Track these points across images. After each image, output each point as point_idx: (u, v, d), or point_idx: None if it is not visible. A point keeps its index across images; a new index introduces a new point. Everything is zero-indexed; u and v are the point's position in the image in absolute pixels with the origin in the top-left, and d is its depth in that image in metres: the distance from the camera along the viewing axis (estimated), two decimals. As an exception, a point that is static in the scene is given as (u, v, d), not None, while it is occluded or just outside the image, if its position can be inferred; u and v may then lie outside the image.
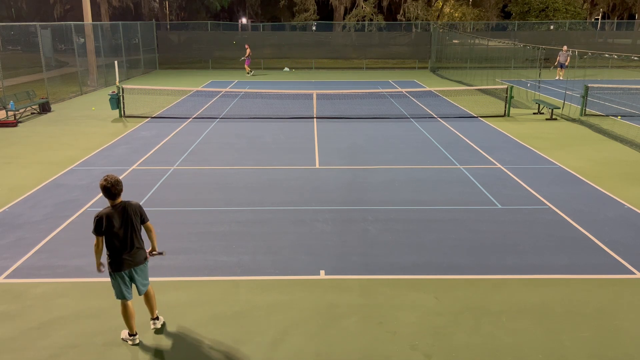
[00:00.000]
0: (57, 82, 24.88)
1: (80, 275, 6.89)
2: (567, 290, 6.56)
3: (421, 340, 5.53)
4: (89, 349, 5.39)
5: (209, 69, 35.37)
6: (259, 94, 22.31)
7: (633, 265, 7.20)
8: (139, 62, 31.96)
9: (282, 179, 10.89)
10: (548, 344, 5.47)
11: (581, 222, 8.67)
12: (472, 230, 8.33)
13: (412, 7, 42.40)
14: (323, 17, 46.28)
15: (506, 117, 17.80)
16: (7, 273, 6.93)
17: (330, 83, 27.72)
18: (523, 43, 32.44)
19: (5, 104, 16.67)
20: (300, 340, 5.55)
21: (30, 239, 7.98)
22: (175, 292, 6.48)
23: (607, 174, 11.40)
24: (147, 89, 21.38)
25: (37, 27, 21.32)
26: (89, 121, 17.03)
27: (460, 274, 6.96)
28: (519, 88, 23.40)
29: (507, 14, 49.73)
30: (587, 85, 18.12)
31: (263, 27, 39.99)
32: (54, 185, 10.50)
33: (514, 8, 43.94)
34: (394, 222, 8.63)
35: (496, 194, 10.04)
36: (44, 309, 6.11)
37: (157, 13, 49.71)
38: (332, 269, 7.08)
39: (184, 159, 12.43)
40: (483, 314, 6.02)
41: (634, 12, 56.81)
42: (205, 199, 9.75)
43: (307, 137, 14.77)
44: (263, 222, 8.63)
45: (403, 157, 12.69)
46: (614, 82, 27.16)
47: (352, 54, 37.72)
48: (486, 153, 13.05)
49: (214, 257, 7.40)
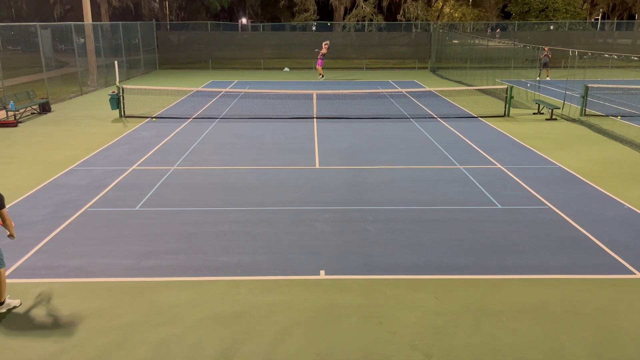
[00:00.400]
0: (57, 82, 24.88)
1: (80, 275, 6.89)
2: (567, 290, 6.56)
3: (421, 340, 5.53)
4: (89, 349, 5.40)
5: (209, 69, 35.38)
6: (259, 94, 22.32)
7: (633, 265, 7.20)
8: (139, 62, 31.97)
9: (282, 179, 10.89)
10: (548, 344, 5.47)
11: (581, 222, 8.68)
12: (472, 230, 8.33)
13: (412, 7, 42.40)
14: (323, 17, 46.28)
15: (506, 117, 17.80)
16: (7, 273, 6.91)
17: (330, 83, 27.73)
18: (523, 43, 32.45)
19: (5, 104, 16.67)
20: (300, 340, 5.55)
21: (30, 239, 7.98)
22: (175, 292, 6.48)
23: (607, 174, 11.40)
24: (147, 89, 21.38)
25: (37, 27, 21.31)
26: (89, 121, 17.03)
27: (460, 274, 6.96)
28: (518, 88, 23.40)
29: (507, 14, 49.75)
30: (587, 85, 18.12)
31: (263, 27, 40.00)
32: (54, 185, 10.50)
33: (514, 8, 43.96)
34: (394, 222, 8.63)
35: (496, 194, 10.04)
36: (44, 309, 6.11)
37: (157, 13, 49.71)
38: (332, 269, 7.09)
39: (184, 159, 12.43)
40: (483, 314, 6.02)
41: (634, 12, 56.81)
42: (205, 199, 9.75)
43: (307, 137, 14.77)
44: (263, 222, 8.63)
45: (403, 157, 12.69)
46: (614, 82, 27.17)
47: (352, 54, 37.73)
48: (486, 153, 13.05)
49: (214, 257, 7.40)
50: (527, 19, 41.80)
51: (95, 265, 7.14)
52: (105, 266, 7.12)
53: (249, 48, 37.62)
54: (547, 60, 29.04)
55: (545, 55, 28.79)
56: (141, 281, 6.76)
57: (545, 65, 29.22)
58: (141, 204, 9.47)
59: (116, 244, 7.81)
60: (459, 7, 50.35)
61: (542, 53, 28.93)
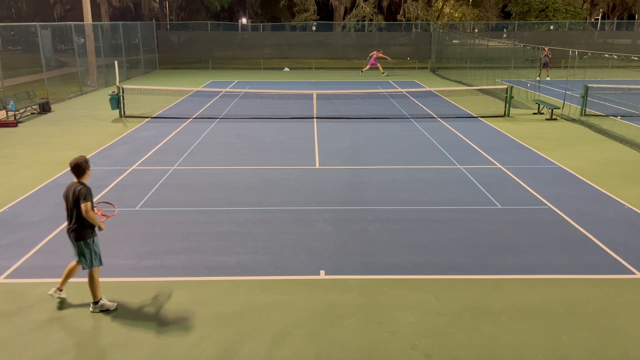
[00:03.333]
0: (57, 82, 24.88)
1: (80, 275, 6.87)
2: (567, 290, 6.56)
3: (421, 340, 5.53)
4: (88, 349, 5.40)
5: (209, 69, 35.38)
6: (258, 94, 22.32)
7: (633, 265, 7.20)
8: (139, 62, 31.97)
9: (282, 179, 10.89)
10: (548, 344, 5.47)
11: (581, 222, 8.67)
12: (472, 230, 8.33)
13: (412, 7, 42.40)
14: (323, 17, 46.28)
15: (506, 117, 17.80)
16: (7, 273, 6.93)
17: (330, 83, 27.72)
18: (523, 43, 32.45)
19: (6, 104, 16.67)
20: (300, 340, 5.55)
21: (30, 239, 7.98)
22: (176, 292, 6.48)
23: (607, 174, 11.40)
24: (147, 89, 21.38)
25: (37, 27, 21.32)
26: (89, 121, 17.03)
27: (460, 274, 6.96)
28: (518, 88, 23.40)
29: (507, 14, 49.74)
30: (587, 85, 18.12)
31: (263, 27, 39.99)
32: (54, 185, 10.50)
33: (513, 8, 43.94)
34: (394, 222, 8.63)
35: (496, 194, 10.04)
36: (44, 309, 6.11)
37: (157, 13, 49.73)
38: (332, 269, 7.08)
39: (184, 159, 12.43)
40: (483, 314, 6.02)
41: (634, 12, 56.82)
42: (205, 199, 9.75)
43: (307, 137, 14.77)
44: (263, 222, 8.63)
45: (403, 157, 12.69)
46: (614, 82, 27.17)
47: (352, 54, 37.72)
48: (486, 153, 13.05)
49: (214, 257, 7.40)
50: (527, 19, 41.79)
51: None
52: (105, 266, 7.09)
53: (249, 48, 37.64)
54: (547, 60, 29.15)
55: (546, 55, 28.86)
56: (141, 281, 6.76)
57: (545, 65, 29.30)
58: (141, 204, 9.46)
59: (116, 244, 7.81)
60: (459, 7, 50.33)
61: (542, 53, 28.97)
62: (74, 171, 5.86)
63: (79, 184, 5.84)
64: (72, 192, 5.79)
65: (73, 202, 5.79)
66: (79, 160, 5.85)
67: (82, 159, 5.87)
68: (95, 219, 5.88)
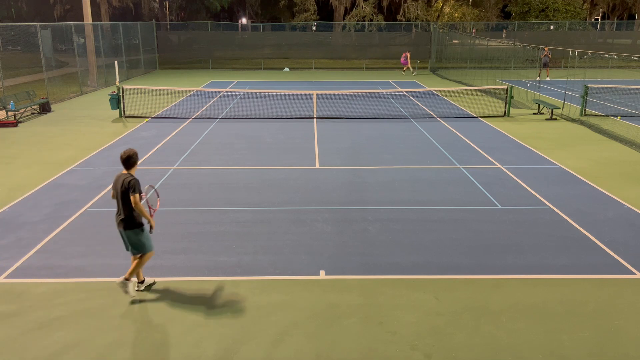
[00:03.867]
0: (57, 82, 24.88)
1: (80, 275, 6.89)
2: (567, 290, 6.56)
3: (421, 340, 5.53)
4: (89, 349, 5.40)
5: (209, 69, 35.38)
6: (258, 94, 22.32)
7: (633, 265, 7.20)
8: (139, 62, 31.97)
9: (282, 179, 10.89)
10: (548, 344, 5.47)
11: (581, 222, 8.68)
12: (472, 230, 8.33)
13: (412, 7, 42.39)
14: (323, 17, 46.26)
15: (506, 117, 17.80)
16: (7, 273, 6.93)
17: (330, 83, 27.72)
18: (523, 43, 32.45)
19: (5, 104, 16.67)
20: (300, 340, 5.55)
21: (30, 239, 7.98)
22: (176, 292, 6.48)
23: (607, 174, 11.40)
24: (147, 89, 21.38)
25: (37, 27, 21.32)
26: (89, 121, 17.03)
27: (460, 274, 6.96)
28: (518, 88, 23.40)
29: (507, 14, 49.74)
30: (587, 85, 18.12)
31: (263, 27, 39.99)
32: (54, 185, 10.50)
33: (513, 8, 43.94)
34: (394, 222, 8.63)
35: (496, 194, 10.04)
36: (44, 309, 6.11)
37: (157, 13, 49.73)
38: (332, 269, 7.09)
39: (184, 159, 12.43)
40: (483, 314, 6.02)
41: (634, 12, 56.81)
42: (205, 199, 9.75)
43: (307, 137, 14.77)
44: (263, 222, 8.63)
45: (403, 157, 12.69)
46: (614, 82, 27.17)
47: (352, 54, 37.72)
48: (486, 153, 13.05)
49: (214, 257, 7.40)
50: (527, 19, 41.79)
51: (95, 265, 7.14)
52: (105, 266, 7.12)
53: (249, 48, 37.64)
54: (547, 60, 29.16)
55: (545, 55, 28.87)
56: (141, 281, 6.75)
57: (545, 65, 29.31)
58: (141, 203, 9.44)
59: (116, 244, 7.78)
60: (459, 7, 50.32)
61: (542, 53, 28.98)
62: (124, 163, 6.15)
63: (129, 175, 6.12)
64: (122, 183, 6.02)
65: (122, 193, 5.99)
66: (130, 153, 6.16)
67: (132, 151, 6.19)
68: (144, 211, 6.08)
